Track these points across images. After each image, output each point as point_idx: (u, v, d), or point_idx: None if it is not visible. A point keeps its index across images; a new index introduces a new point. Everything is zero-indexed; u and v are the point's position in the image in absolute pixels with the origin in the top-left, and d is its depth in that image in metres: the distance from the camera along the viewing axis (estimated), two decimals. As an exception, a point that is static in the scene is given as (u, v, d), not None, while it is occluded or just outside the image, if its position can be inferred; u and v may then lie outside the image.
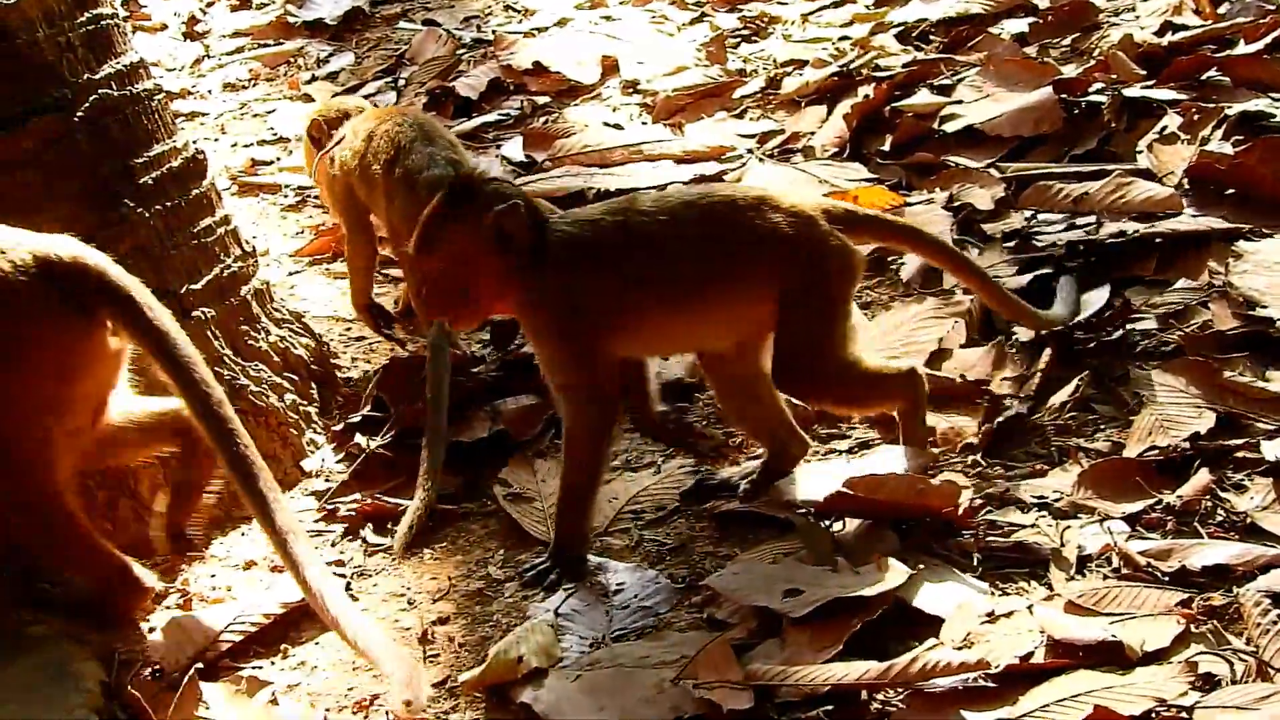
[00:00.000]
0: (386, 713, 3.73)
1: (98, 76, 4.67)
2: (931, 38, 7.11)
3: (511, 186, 4.07)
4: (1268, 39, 5.92)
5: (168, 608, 4.25)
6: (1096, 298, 4.71)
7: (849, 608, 3.61)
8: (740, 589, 3.80)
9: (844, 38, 7.35)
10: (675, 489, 4.44)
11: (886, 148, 6.13)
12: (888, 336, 4.84)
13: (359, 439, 4.88)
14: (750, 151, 6.46)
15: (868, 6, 7.74)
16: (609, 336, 4.05)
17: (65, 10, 4.63)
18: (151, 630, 4.10)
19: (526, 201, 4.00)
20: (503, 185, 4.05)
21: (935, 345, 4.77)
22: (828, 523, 4.07)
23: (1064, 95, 5.88)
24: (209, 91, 8.45)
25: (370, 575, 4.34)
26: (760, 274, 4.05)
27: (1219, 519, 3.81)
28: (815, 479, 4.24)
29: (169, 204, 4.78)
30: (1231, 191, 5.08)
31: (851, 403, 4.29)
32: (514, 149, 6.77)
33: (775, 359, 4.09)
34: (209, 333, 4.77)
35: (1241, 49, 5.95)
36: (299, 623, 4.12)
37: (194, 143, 5.04)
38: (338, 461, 4.85)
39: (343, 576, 4.31)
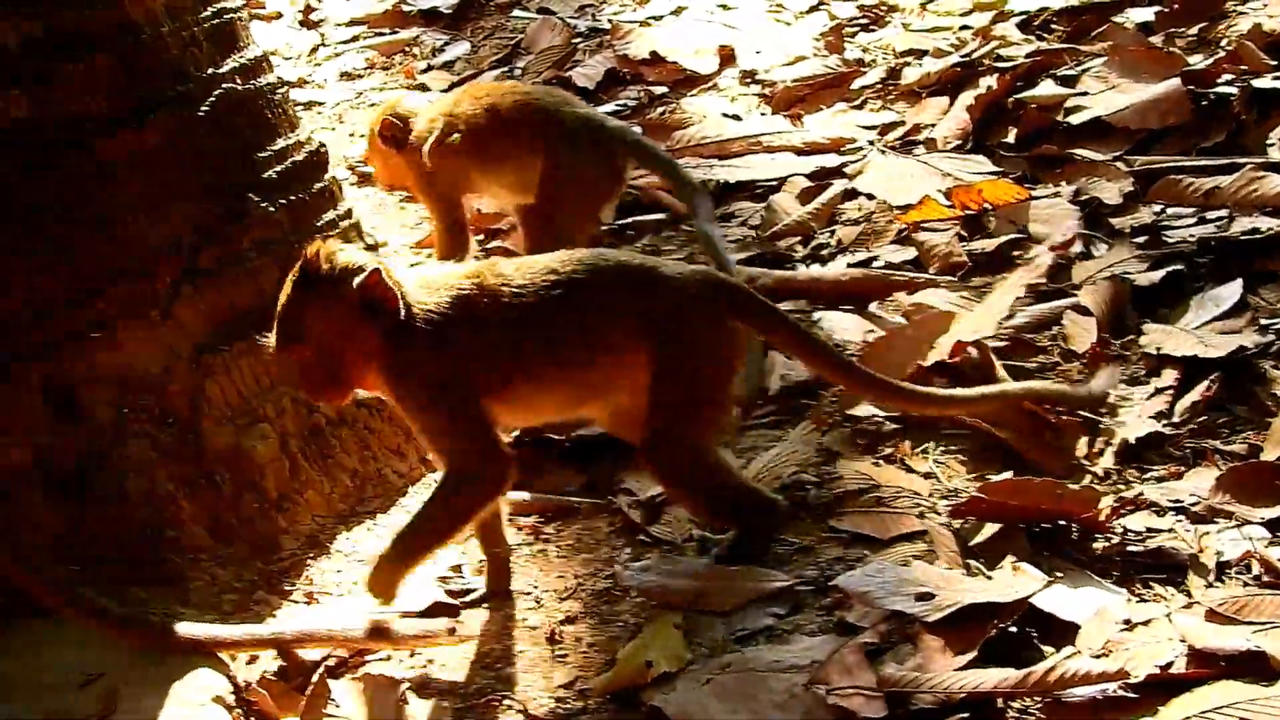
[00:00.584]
0: (514, 710, 3.73)
1: (221, 71, 4.72)
2: (1054, 27, 6.98)
3: (363, 253, 3.99)
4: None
5: (294, 603, 4.27)
6: (1229, 294, 4.62)
7: (983, 613, 3.55)
8: (871, 591, 3.75)
9: (964, 27, 7.24)
10: (802, 488, 4.38)
11: (1010, 140, 6.04)
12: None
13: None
14: (871, 143, 6.39)
15: (988, -6, 7.63)
16: (482, 401, 3.94)
17: (189, 5, 4.69)
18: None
19: (381, 265, 3.89)
20: (353, 253, 3.93)
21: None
22: (959, 526, 4.00)
23: (1192, 87, 5.76)
24: (325, 80, 8.49)
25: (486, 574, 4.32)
26: (622, 344, 3.95)
27: (1364, 525, 3.72)
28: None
29: (292, 198, 4.81)
30: (1368, 185, 4.96)
31: (702, 504, 4.12)
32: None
33: (643, 431, 4.00)
34: (333, 325, 4.75)
35: (1375, 38, 5.82)
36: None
37: (315, 136, 5.05)
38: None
39: (462, 576, 4.33)
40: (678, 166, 5.74)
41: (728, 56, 7.54)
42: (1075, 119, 5.93)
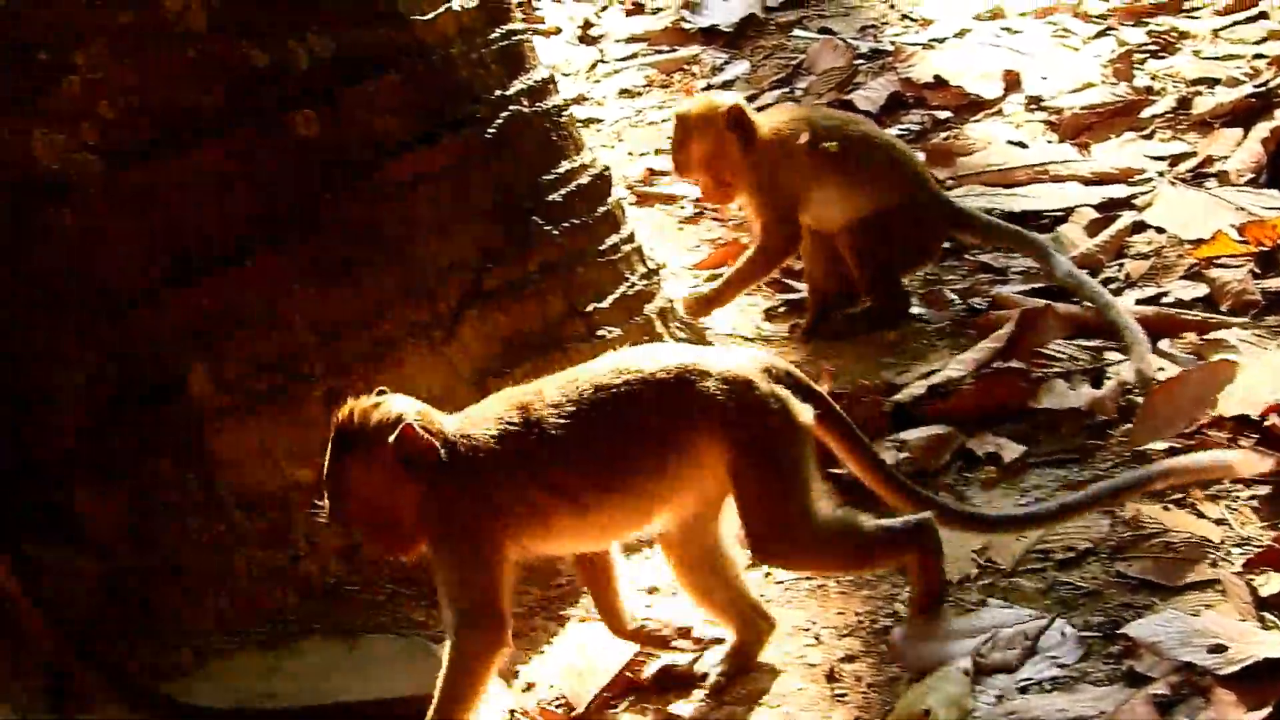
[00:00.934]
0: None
1: (509, 93, 4.78)
2: (1355, 57, 6.72)
3: (401, 401, 3.83)
4: None
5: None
6: None
7: (1278, 669, 3.38)
8: (1162, 641, 3.58)
9: (1259, 55, 6.99)
10: (1085, 529, 4.25)
11: (1308, 175, 5.81)
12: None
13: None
14: (1160, 174, 6.21)
15: (1284, 21, 7.37)
16: (524, 540, 3.79)
17: (479, 27, 4.76)
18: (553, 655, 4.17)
19: (419, 413, 3.77)
20: (388, 405, 3.79)
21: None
22: (1252, 576, 3.83)
23: None
24: (604, 97, 8.54)
25: (773, 607, 4.23)
26: (689, 448, 3.77)
27: None
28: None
29: (576, 221, 4.84)
30: None
31: (843, 563, 4.02)
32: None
33: (745, 533, 3.84)
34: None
35: None
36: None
37: (599, 159, 5.10)
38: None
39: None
40: (1019, 232, 5.69)
41: (1013, 81, 7.38)
42: (1377, 153, 5.68)
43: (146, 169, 4.33)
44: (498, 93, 4.74)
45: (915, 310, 5.74)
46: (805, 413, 3.83)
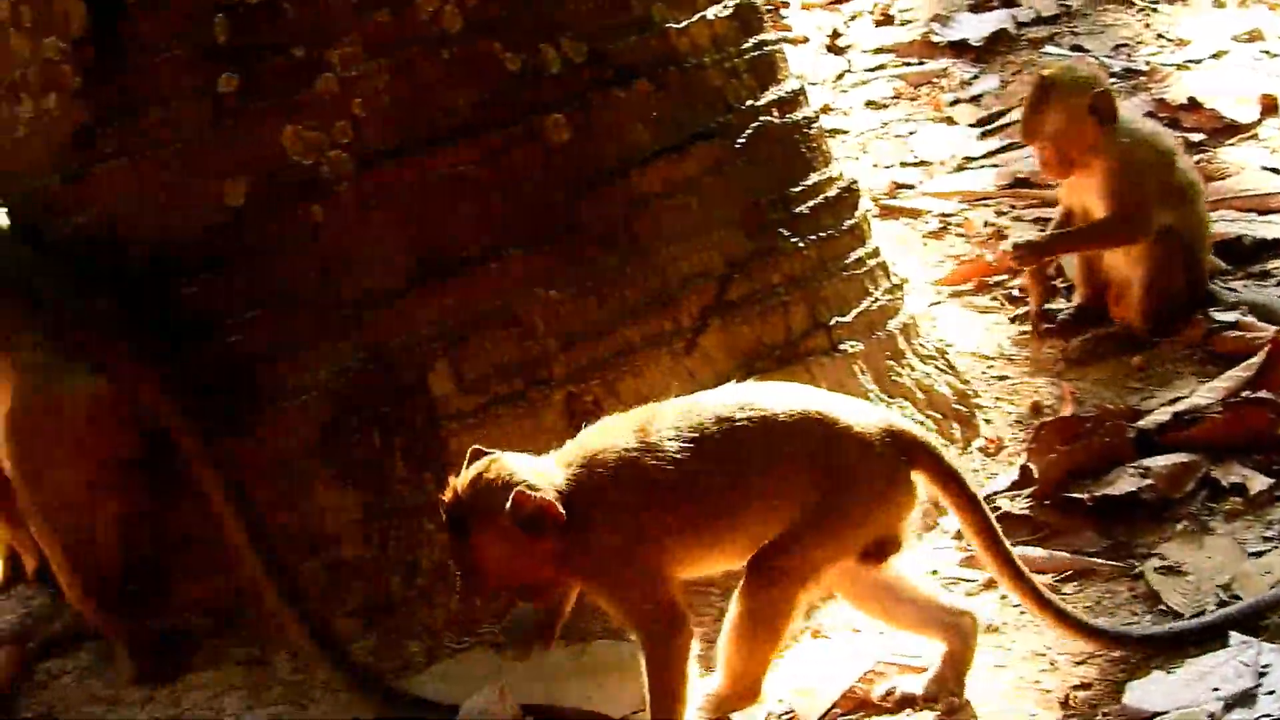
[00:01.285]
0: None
1: (760, 103, 4.82)
2: None
3: (502, 464, 3.80)
4: None
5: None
6: None
7: None
8: None
9: None
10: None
11: None
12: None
13: (1000, 502, 4.78)
14: None
15: None
16: (664, 564, 3.80)
17: (732, 36, 4.81)
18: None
19: (525, 473, 3.75)
20: (492, 474, 3.77)
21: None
22: None
23: None
24: (850, 108, 8.54)
25: (1007, 631, 4.25)
26: (797, 494, 3.76)
27: None
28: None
29: (823, 234, 4.87)
30: None
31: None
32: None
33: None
34: (855, 367, 4.84)
35: None
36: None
37: (846, 172, 5.12)
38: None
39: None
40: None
41: (1270, 106, 7.21)
42: None
43: (398, 169, 4.44)
44: (749, 103, 4.79)
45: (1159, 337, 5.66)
46: (913, 484, 3.86)
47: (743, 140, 4.73)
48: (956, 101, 8.23)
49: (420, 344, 4.46)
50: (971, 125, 7.83)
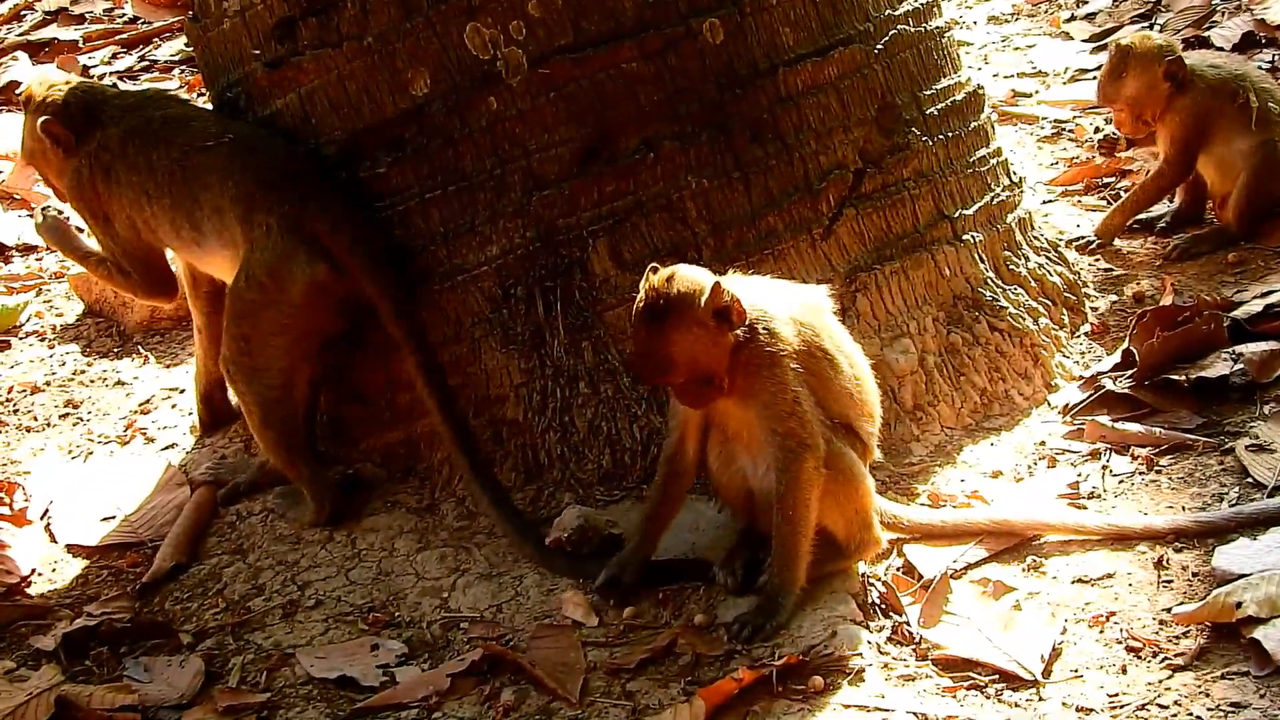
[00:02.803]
0: (1118, 628, 4.00)
1: (897, 13, 5.11)
2: None
3: (696, 269, 4.10)
4: None
5: (922, 505, 4.66)
6: None
7: None
8: None
9: None
10: None
11: None
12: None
13: (1104, 382, 5.06)
14: None
15: None
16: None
17: None
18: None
19: (718, 279, 4.05)
20: (687, 275, 4.05)
21: None
22: None
23: None
24: (974, 23, 8.74)
25: (1106, 498, 4.59)
26: None
27: None
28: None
29: (950, 134, 5.17)
30: None
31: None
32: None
33: None
34: (976, 256, 5.15)
35: None
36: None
37: (974, 78, 5.41)
38: (1082, 397, 5.08)
39: (1079, 497, 4.60)
40: None
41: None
42: None
43: (567, 65, 4.74)
44: (887, 11, 5.07)
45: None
46: None
47: (880, 46, 4.99)
48: (1072, 18, 8.43)
49: (583, 226, 4.80)
50: (1085, 40, 8.09)
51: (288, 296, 4.85)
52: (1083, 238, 6.01)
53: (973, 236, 5.16)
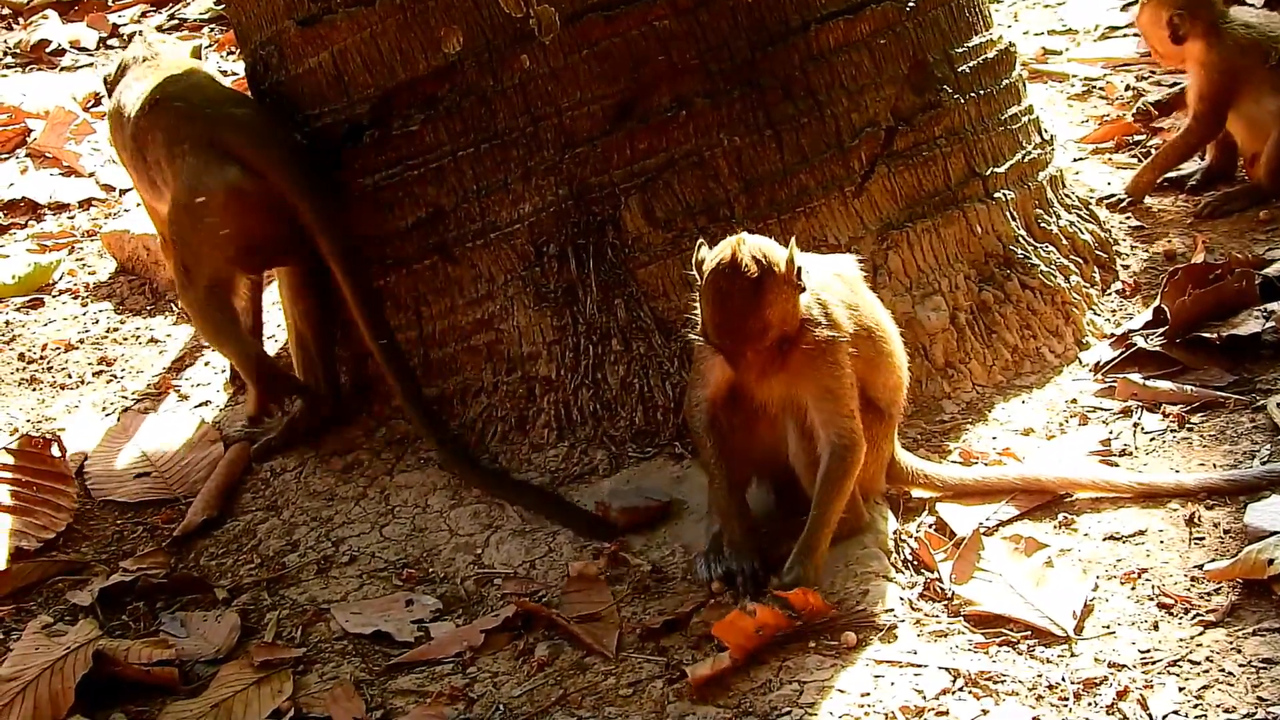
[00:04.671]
0: (1150, 584, 4.02)
1: (928, -30, 5.08)
2: None
3: (761, 238, 4.08)
4: None
5: (954, 463, 4.67)
6: None
7: None
8: None
9: None
10: None
11: None
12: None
13: (1135, 339, 5.08)
14: None
15: None
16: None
17: None
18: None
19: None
20: (760, 241, 4.04)
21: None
22: None
23: None
24: (999, -20, 8.73)
25: (1138, 456, 4.61)
26: None
27: None
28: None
29: (982, 92, 5.17)
30: None
31: None
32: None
33: None
34: (1008, 214, 5.16)
35: None
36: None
37: (1005, 36, 5.41)
38: (1113, 354, 5.08)
39: (1110, 454, 4.61)
40: None
41: None
42: None
43: (599, 23, 4.75)
44: None
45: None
46: None
47: (912, 3, 4.98)
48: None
49: (615, 183, 4.82)
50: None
51: (211, 208, 5.01)
52: (1113, 195, 6.00)
53: (1004, 194, 5.16)
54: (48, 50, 9.61)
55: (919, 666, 3.84)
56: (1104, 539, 4.25)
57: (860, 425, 4.16)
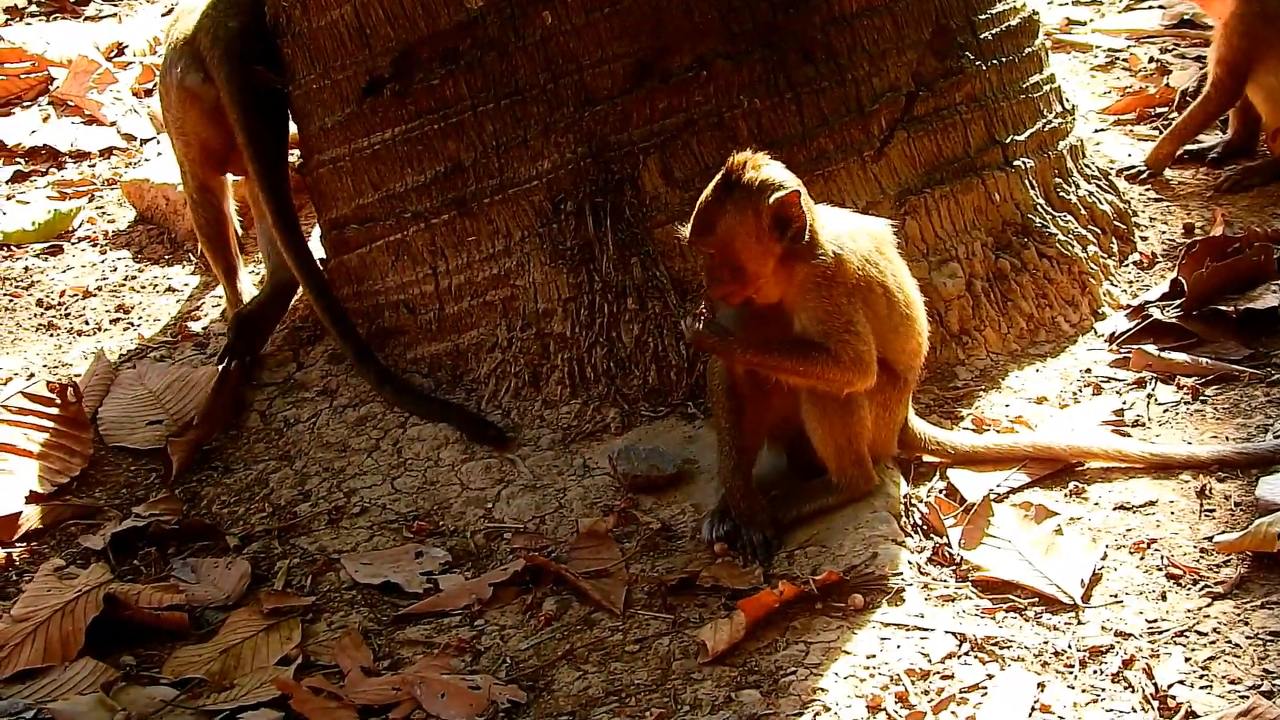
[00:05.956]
0: (1159, 555, 4.03)
1: (952, -65, 5.06)
2: None
3: (787, 173, 4.09)
4: None
5: (966, 429, 4.68)
6: None
7: None
8: None
9: None
10: None
11: None
12: None
13: (1151, 311, 5.07)
14: None
15: None
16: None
17: None
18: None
19: (803, 190, 4.05)
20: (777, 171, 4.07)
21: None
22: None
23: None
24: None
25: (1151, 427, 4.61)
26: None
27: None
28: None
29: (1004, 59, 5.16)
30: None
31: None
32: None
33: None
34: (1026, 181, 5.16)
35: None
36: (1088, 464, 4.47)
37: (1029, 4, 5.38)
38: (1129, 325, 5.08)
39: (1123, 425, 4.62)
40: None
41: None
42: None
43: None
44: None
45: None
46: None
47: None
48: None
49: (634, 143, 4.82)
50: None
51: (173, 104, 5.55)
52: (1133, 167, 5.99)
53: (1024, 162, 5.16)
54: (71, 1, 9.62)
55: (925, 630, 3.86)
56: (1114, 508, 4.26)
57: (870, 353, 4.15)
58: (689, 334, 4.18)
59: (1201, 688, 3.57)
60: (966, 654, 3.77)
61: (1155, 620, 3.82)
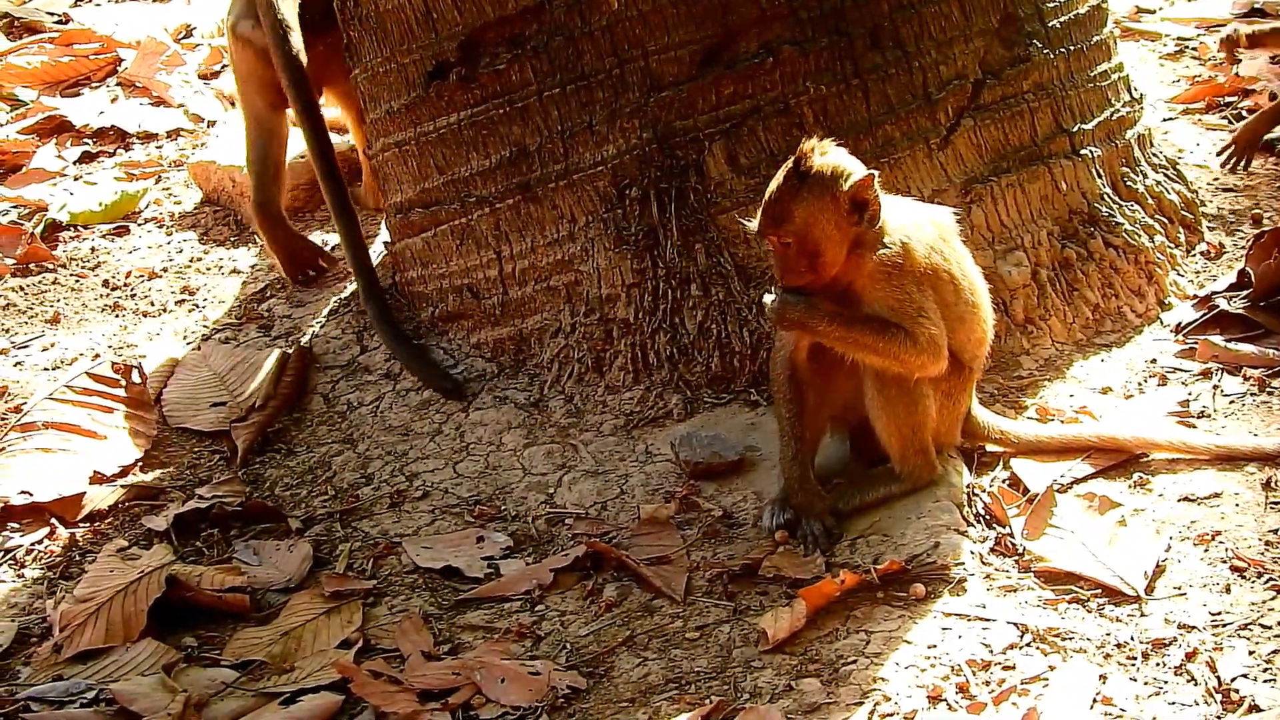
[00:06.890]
0: (1224, 548, 4.00)
1: (1021, -77, 5.03)
2: None
3: (853, 159, 4.07)
4: None
5: (1030, 419, 4.66)
6: None
7: None
8: None
9: None
10: None
11: None
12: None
13: (1218, 302, 5.04)
14: None
15: None
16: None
17: None
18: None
19: (876, 174, 4.02)
20: (845, 156, 4.05)
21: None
22: None
23: None
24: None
25: (1216, 418, 4.58)
26: None
27: None
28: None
29: (1072, 47, 5.13)
30: None
31: None
32: None
33: None
34: (1093, 170, 5.13)
35: None
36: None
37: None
38: (1195, 316, 5.05)
39: (1189, 416, 4.59)
40: None
41: None
42: None
43: None
44: None
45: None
46: None
47: None
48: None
49: (700, 128, 4.81)
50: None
51: (231, 47, 6.03)
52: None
53: (1091, 151, 5.13)
54: (139, -18, 9.68)
55: (987, 620, 3.85)
56: (1178, 500, 4.23)
57: (943, 338, 4.14)
58: (770, 310, 4.15)
59: (1265, 681, 3.55)
60: (1028, 645, 3.76)
61: (1219, 613, 3.79)
